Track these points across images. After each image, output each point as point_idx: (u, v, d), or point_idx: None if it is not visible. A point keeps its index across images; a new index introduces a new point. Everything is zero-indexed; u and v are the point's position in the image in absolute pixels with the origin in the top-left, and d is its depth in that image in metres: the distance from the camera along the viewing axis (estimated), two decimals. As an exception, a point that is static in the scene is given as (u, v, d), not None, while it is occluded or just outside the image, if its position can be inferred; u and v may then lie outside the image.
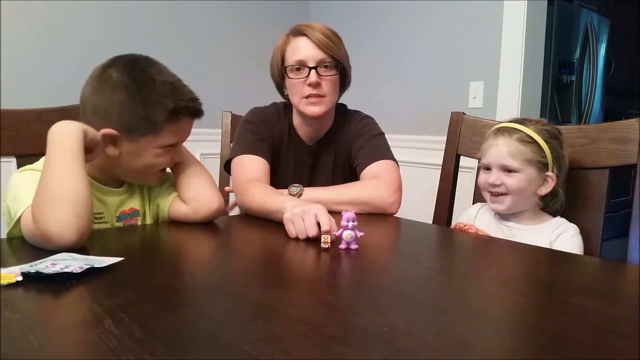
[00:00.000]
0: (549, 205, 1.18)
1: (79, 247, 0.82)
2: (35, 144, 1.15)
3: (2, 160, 1.11)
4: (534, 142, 1.13)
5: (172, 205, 1.08)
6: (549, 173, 1.14)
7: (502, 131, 1.16)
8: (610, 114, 3.54)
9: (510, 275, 0.82)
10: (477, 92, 2.34)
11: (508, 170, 1.14)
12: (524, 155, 1.12)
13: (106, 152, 0.98)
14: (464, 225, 1.16)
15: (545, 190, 1.15)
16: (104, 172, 1.04)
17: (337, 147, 1.41)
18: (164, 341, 0.50)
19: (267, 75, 1.41)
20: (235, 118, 1.69)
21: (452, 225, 1.11)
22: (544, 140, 1.13)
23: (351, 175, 1.40)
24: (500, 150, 1.14)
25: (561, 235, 1.12)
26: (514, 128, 1.16)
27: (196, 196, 1.06)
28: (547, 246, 1.09)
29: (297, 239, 0.94)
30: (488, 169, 1.18)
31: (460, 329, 0.56)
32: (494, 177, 1.15)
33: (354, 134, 1.39)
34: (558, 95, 2.80)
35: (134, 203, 1.10)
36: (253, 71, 2.77)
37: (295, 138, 1.40)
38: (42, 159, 1.00)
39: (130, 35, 2.47)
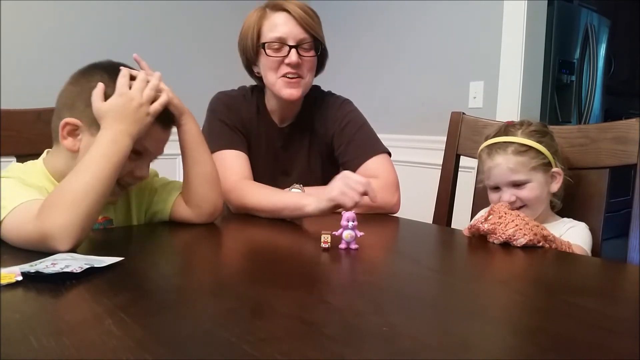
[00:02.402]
0: (557, 198, 1.18)
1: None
2: (35, 144, 1.14)
3: (2, 160, 1.10)
4: (530, 148, 1.12)
5: (175, 207, 1.05)
6: (555, 169, 1.14)
7: (495, 148, 1.14)
8: (610, 114, 3.54)
9: (511, 275, 0.82)
10: (477, 92, 2.34)
11: (517, 184, 1.12)
12: (526, 165, 1.11)
13: (65, 145, 0.93)
14: (485, 220, 1.00)
15: (556, 186, 1.15)
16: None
17: (313, 130, 1.36)
18: (164, 341, 0.50)
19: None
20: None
21: (470, 227, 1.02)
22: (537, 142, 1.12)
23: (329, 160, 1.36)
24: (502, 169, 1.12)
25: (572, 229, 1.12)
26: (506, 142, 1.13)
27: (200, 202, 1.03)
28: None
29: (296, 239, 0.94)
30: (496, 188, 1.16)
31: (461, 328, 0.56)
32: (507, 195, 1.12)
33: (334, 120, 1.34)
34: (558, 95, 2.80)
35: (107, 212, 1.03)
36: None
37: (265, 120, 1.36)
38: (12, 165, 0.98)
39: (130, 36, 2.47)
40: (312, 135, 1.37)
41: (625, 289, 0.77)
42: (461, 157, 1.46)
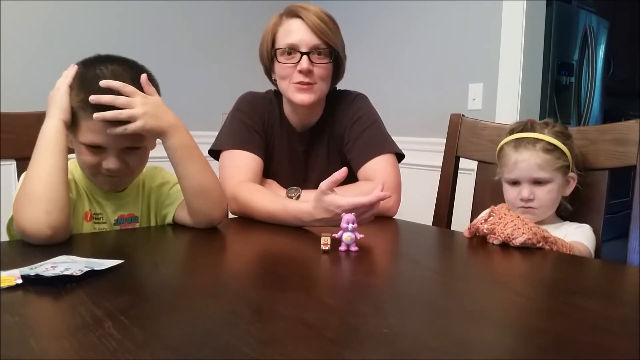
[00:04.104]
0: (566, 201, 1.18)
1: (61, 241, 0.87)
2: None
3: (2, 163, 1.11)
4: (557, 148, 1.12)
5: (177, 212, 1.07)
6: (571, 174, 1.15)
7: (524, 143, 1.14)
8: (609, 115, 3.55)
9: (510, 276, 0.82)
10: (477, 94, 2.34)
11: (538, 182, 1.13)
12: (552, 165, 1.11)
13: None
14: (485, 221, 1.00)
15: (569, 190, 1.15)
16: None
17: (331, 132, 1.34)
18: (164, 343, 0.50)
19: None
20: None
21: (470, 227, 1.02)
22: (563, 144, 1.13)
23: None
24: (529, 164, 1.12)
25: (577, 229, 1.13)
26: (535, 138, 1.14)
27: (193, 213, 1.03)
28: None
29: (296, 241, 0.94)
30: (515, 183, 1.16)
31: (460, 330, 0.56)
32: (527, 191, 1.12)
33: (346, 115, 1.32)
34: (557, 96, 2.81)
35: (135, 209, 1.08)
36: (253, 72, 2.76)
37: (286, 125, 1.34)
38: None
39: (130, 36, 2.47)
40: (329, 137, 1.35)
41: (625, 290, 0.77)
42: (461, 159, 1.46)
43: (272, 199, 1.15)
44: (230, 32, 2.84)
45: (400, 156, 1.32)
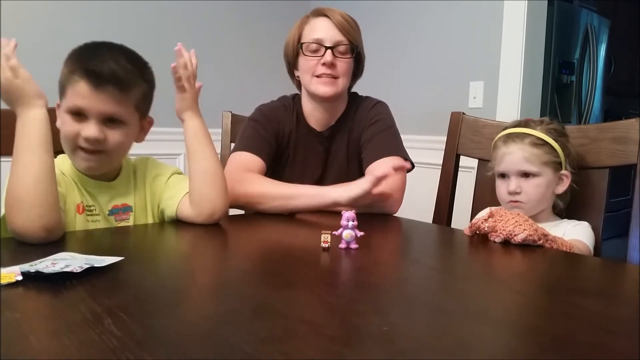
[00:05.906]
0: (561, 201, 1.19)
1: (56, 239, 0.86)
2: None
3: (2, 159, 1.10)
4: (546, 143, 1.13)
5: (180, 206, 1.06)
6: (564, 171, 1.15)
7: (513, 137, 1.16)
8: (610, 114, 3.55)
9: (511, 275, 0.82)
10: (477, 92, 2.34)
11: (526, 174, 1.13)
12: (540, 158, 1.12)
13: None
14: (486, 220, 0.99)
15: (561, 189, 1.16)
16: None
17: (350, 133, 1.39)
18: (164, 341, 0.50)
19: (267, 75, 1.41)
20: (235, 118, 1.69)
21: (471, 225, 1.01)
22: (554, 140, 1.14)
23: None
24: (516, 157, 1.14)
25: (575, 227, 1.13)
26: (524, 132, 1.15)
27: (199, 201, 1.03)
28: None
29: (296, 239, 0.94)
30: (504, 176, 1.17)
31: (461, 329, 0.56)
32: (514, 184, 1.14)
33: (365, 120, 1.38)
34: (558, 95, 2.80)
35: (128, 199, 1.07)
36: (253, 71, 2.77)
37: (304, 127, 1.39)
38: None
39: (130, 36, 2.45)
40: (349, 138, 1.40)
41: (625, 288, 0.77)
42: (461, 157, 1.46)
43: (282, 182, 1.23)
44: (231, 30, 2.84)
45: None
